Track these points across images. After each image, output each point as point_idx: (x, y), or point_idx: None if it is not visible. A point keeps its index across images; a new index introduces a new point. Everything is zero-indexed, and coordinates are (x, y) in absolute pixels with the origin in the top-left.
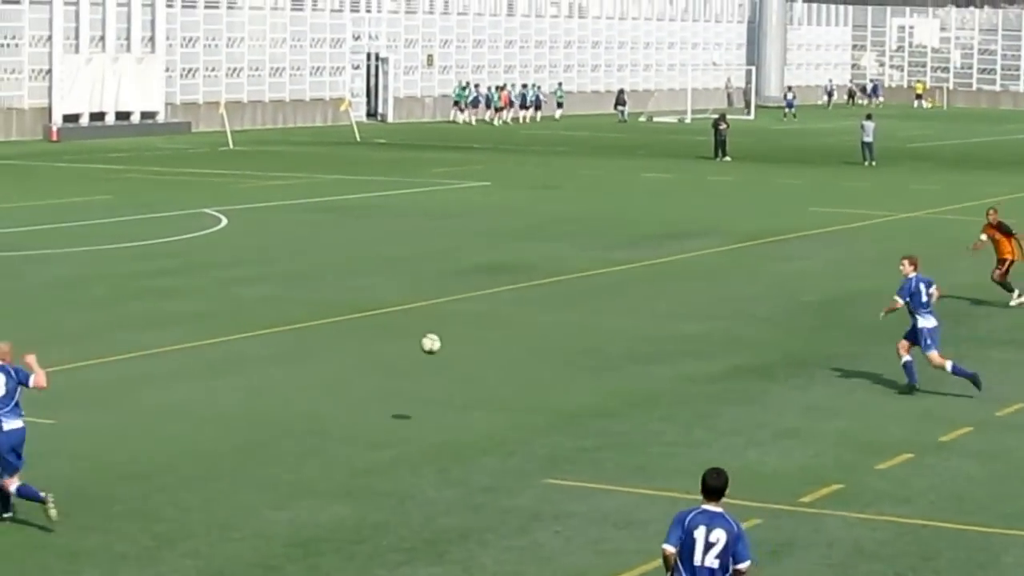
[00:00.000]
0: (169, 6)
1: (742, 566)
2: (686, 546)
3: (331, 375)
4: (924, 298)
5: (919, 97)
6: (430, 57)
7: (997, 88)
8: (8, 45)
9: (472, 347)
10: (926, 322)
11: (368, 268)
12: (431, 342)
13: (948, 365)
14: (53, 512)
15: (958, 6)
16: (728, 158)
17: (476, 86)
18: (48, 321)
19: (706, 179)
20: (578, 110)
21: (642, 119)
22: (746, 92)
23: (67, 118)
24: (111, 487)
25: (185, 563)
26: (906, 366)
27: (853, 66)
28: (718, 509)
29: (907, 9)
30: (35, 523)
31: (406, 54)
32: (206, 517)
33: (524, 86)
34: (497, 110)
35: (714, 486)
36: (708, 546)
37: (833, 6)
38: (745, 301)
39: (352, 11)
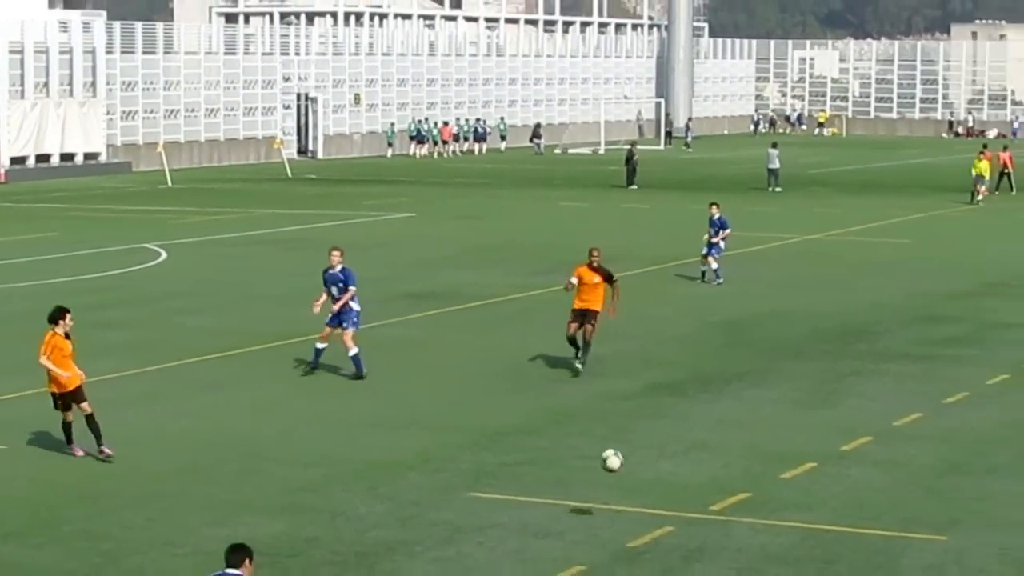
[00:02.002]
0: (109, 52)
1: None
2: None
3: (266, 399)
4: (343, 285)
5: (821, 125)
6: (357, 96)
7: (894, 116)
8: None
9: (400, 369)
10: (355, 304)
11: (300, 297)
12: (616, 460)
13: (352, 351)
14: None
15: (856, 38)
16: (635, 187)
17: (424, 120)
18: (1, 353)
19: (619, 207)
20: (496, 143)
21: (557, 151)
22: (660, 123)
23: (14, 160)
24: (61, 508)
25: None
26: (317, 352)
27: (757, 97)
28: (238, 572)
29: (807, 42)
30: None
31: (334, 93)
32: (149, 535)
33: (478, 120)
34: (435, 144)
35: (231, 561)
36: None
37: (738, 40)
38: (657, 322)
39: (282, 54)
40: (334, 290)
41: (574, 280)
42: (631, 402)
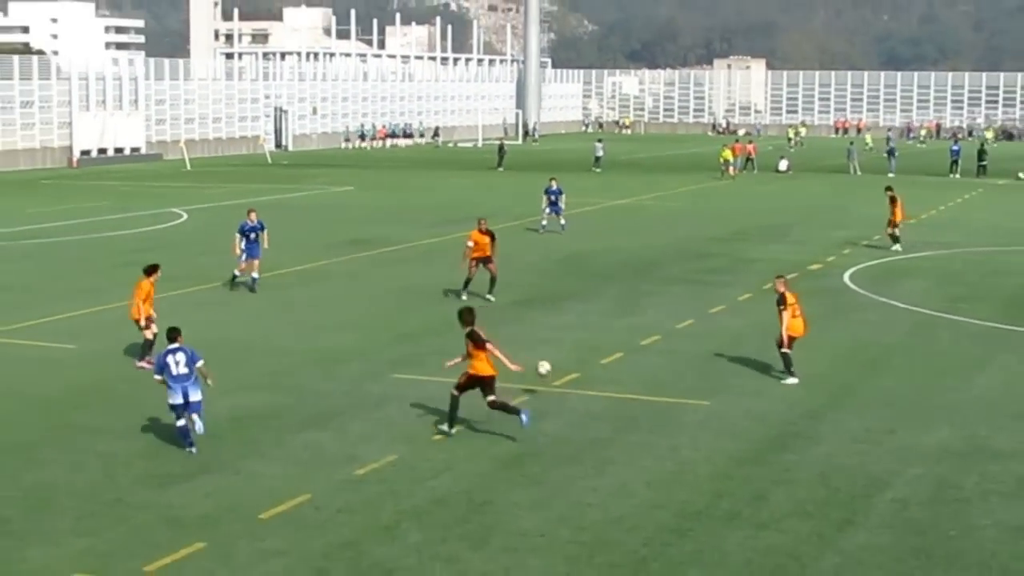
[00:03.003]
0: (147, 79)
1: (199, 364)
2: (167, 368)
3: (254, 312)
4: (261, 230)
5: (626, 127)
6: (314, 108)
7: (675, 120)
8: (43, 107)
9: (343, 292)
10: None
11: (276, 242)
12: (544, 367)
13: (257, 275)
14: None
15: (650, 68)
16: (502, 168)
17: (372, 125)
18: (72, 283)
19: (492, 182)
20: (409, 140)
21: (450, 145)
22: (519, 126)
23: (83, 152)
24: (116, 388)
25: (162, 434)
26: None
27: (584, 109)
28: (175, 345)
29: (617, 71)
30: (66, 407)
31: (299, 107)
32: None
33: (407, 124)
34: (371, 139)
35: (170, 336)
36: (178, 363)
37: (570, 70)
38: (516, 257)
39: (264, 80)
40: (252, 235)
41: (470, 243)
42: (498, 312)
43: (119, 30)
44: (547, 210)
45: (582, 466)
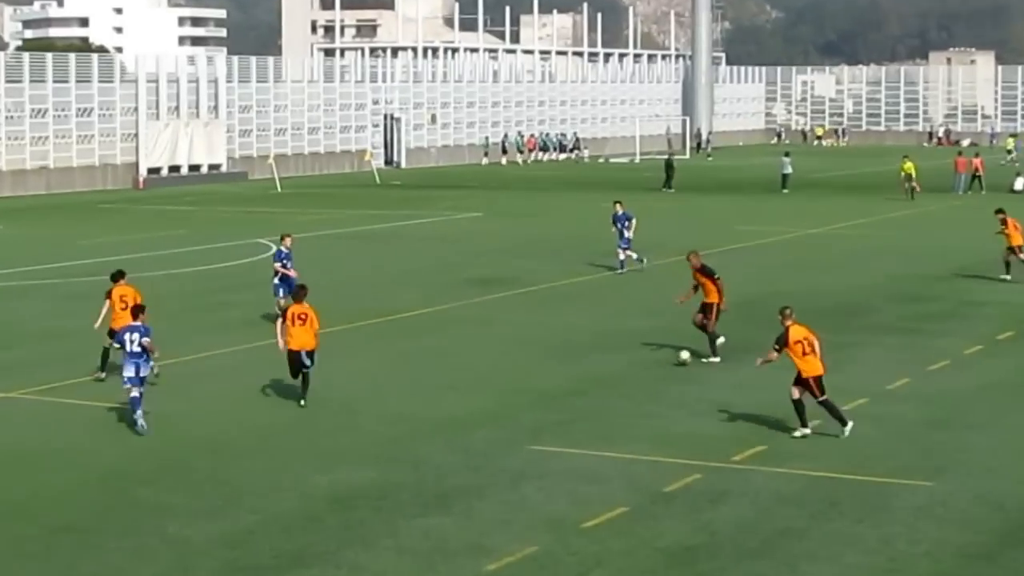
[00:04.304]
0: (228, 81)
1: (146, 341)
2: (124, 344)
3: (361, 367)
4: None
5: (819, 138)
6: (433, 116)
7: (882, 128)
8: (104, 115)
9: (470, 343)
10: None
11: (389, 282)
12: (684, 354)
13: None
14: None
15: (849, 64)
16: (672, 189)
17: (506, 136)
18: None
19: (650, 206)
20: (548, 154)
21: (600, 160)
22: (686, 137)
23: (150, 171)
24: (192, 457)
25: (248, 516)
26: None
27: (767, 114)
28: (136, 323)
29: (808, 68)
30: (129, 481)
31: (414, 114)
32: (264, 480)
33: (561, 135)
34: (519, 152)
35: (135, 315)
36: (132, 341)
37: (750, 67)
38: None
39: (371, 82)
40: (288, 264)
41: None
42: (663, 369)
43: (196, 22)
44: (621, 243)
45: (770, 562)
